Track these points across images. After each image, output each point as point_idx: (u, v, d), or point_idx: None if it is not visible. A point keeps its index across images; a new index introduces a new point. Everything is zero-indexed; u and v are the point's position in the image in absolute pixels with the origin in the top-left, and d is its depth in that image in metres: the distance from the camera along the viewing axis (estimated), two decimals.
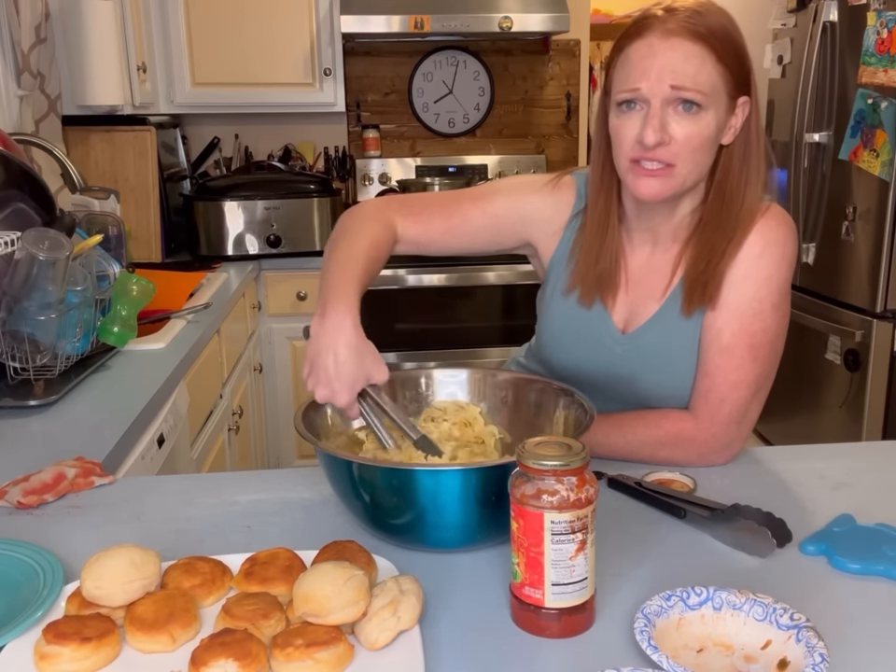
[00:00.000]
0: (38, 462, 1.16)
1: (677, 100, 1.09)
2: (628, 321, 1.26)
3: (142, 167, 2.82)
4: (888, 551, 0.92)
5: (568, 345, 1.30)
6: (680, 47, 1.07)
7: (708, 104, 1.09)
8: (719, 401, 1.18)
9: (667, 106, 1.09)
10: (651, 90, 1.09)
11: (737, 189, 1.17)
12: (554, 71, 3.75)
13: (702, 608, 0.80)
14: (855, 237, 2.89)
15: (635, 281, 1.26)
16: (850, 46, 2.83)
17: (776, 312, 1.18)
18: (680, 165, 1.12)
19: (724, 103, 1.11)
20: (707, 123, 1.10)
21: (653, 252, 1.25)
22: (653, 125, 1.09)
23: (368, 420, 1.06)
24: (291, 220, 3.00)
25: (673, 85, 1.08)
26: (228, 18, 3.11)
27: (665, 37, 1.08)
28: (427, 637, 0.79)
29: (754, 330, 1.17)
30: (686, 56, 1.08)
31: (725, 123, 1.14)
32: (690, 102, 1.08)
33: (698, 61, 1.08)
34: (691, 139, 1.10)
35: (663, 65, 1.08)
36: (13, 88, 2.24)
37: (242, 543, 0.99)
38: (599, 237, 1.24)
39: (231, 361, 2.48)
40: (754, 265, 1.17)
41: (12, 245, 1.46)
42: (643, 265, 1.26)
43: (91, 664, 0.75)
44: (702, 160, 1.13)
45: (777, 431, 3.41)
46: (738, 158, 1.17)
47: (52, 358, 1.56)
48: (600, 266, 1.24)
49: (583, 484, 0.78)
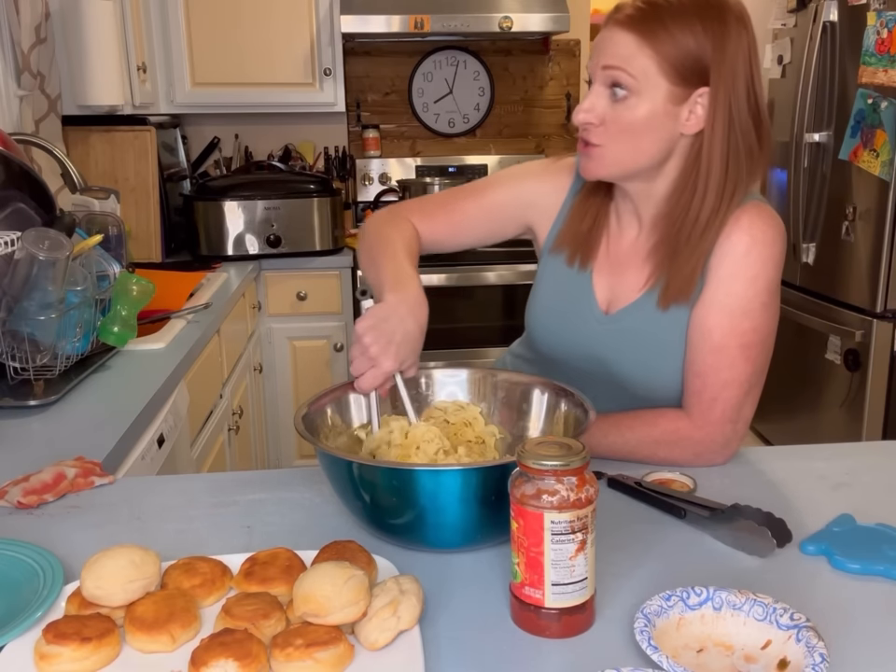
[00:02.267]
0: (38, 462, 1.16)
1: (609, 80, 1.14)
2: (611, 303, 1.28)
3: (142, 167, 2.82)
4: (888, 551, 0.92)
5: (554, 318, 1.33)
6: (616, 33, 1.14)
7: (639, 88, 1.13)
8: (711, 401, 1.18)
9: (604, 89, 1.15)
10: (592, 72, 1.17)
11: (698, 181, 1.17)
12: (554, 71, 3.75)
13: (702, 608, 0.80)
14: (855, 237, 2.89)
15: (619, 263, 1.28)
16: (850, 46, 2.83)
17: (765, 311, 1.18)
18: (609, 146, 1.17)
19: (664, 91, 1.13)
20: (637, 108, 1.14)
21: (639, 237, 1.27)
22: (583, 106, 1.17)
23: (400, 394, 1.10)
24: (291, 220, 3.00)
25: (605, 65, 1.14)
26: (228, 18, 3.11)
27: (610, 26, 1.15)
28: (427, 637, 0.79)
29: (744, 329, 1.17)
30: (619, 41, 1.13)
31: (671, 112, 1.14)
32: (619, 85, 1.13)
33: (629, 45, 1.12)
34: (616, 121, 1.15)
35: (601, 50, 1.16)
36: (13, 88, 2.24)
37: (242, 543, 0.99)
38: (587, 201, 1.30)
39: (231, 361, 2.48)
40: (741, 263, 1.17)
41: (12, 244, 1.46)
42: (629, 248, 1.28)
43: (91, 664, 0.75)
44: (636, 144, 1.16)
45: (776, 431, 3.41)
46: (706, 149, 1.16)
47: (52, 358, 1.56)
48: (584, 225, 1.29)
49: (583, 484, 0.78)
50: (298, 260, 3.05)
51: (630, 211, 1.27)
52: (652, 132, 1.15)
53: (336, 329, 3.13)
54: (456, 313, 3.17)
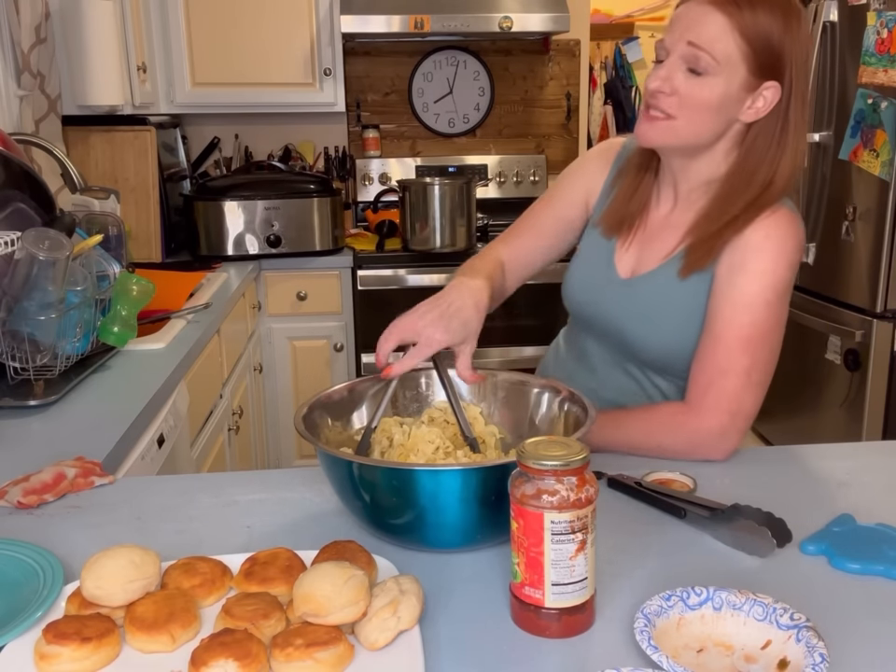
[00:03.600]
0: (38, 462, 1.16)
1: (691, 57, 1.15)
2: (634, 269, 1.32)
3: (142, 167, 2.82)
4: (888, 551, 0.92)
5: (580, 284, 1.38)
6: (709, 13, 1.15)
7: (719, 71, 1.15)
8: (706, 385, 1.19)
9: (682, 63, 1.16)
10: (672, 43, 1.17)
11: (755, 170, 1.21)
12: (554, 71, 3.74)
13: (702, 608, 0.80)
14: (855, 237, 2.89)
15: (651, 233, 1.32)
16: (850, 46, 2.83)
17: (768, 309, 1.18)
18: (680, 119, 1.18)
19: (740, 77, 1.16)
20: (712, 88, 1.16)
21: (672, 211, 1.30)
22: (659, 74, 1.18)
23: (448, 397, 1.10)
24: (291, 220, 3.00)
25: (689, 41, 1.15)
26: (228, 18, 3.10)
27: (700, 3, 1.16)
28: (427, 637, 0.79)
29: (742, 323, 1.18)
30: (710, 21, 1.14)
31: (740, 98, 1.17)
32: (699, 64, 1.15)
33: (719, 28, 1.14)
34: (691, 96, 1.16)
35: (688, 25, 1.16)
36: (13, 88, 2.24)
37: (242, 543, 0.99)
38: (635, 182, 1.33)
39: (231, 361, 2.48)
40: (750, 256, 1.19)
41: (12, 244, 1.46)
42: (661, 221, 1.31)
43: (91, 664, 0.75)
44: (703, 121, 1.18)
45: (777, 431, 3.41)
46: (764, 142, 1.20)
47: (52, 358, 1.56)
48: (630, 208, 1.32)
49: (583, 484, 0.78)
50: (298, 260, 3.04)
51: (669, 184, 1.31)
52: (720, 113, 1.18)
53: (336, 329, 3.13)
54: None
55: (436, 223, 3.04)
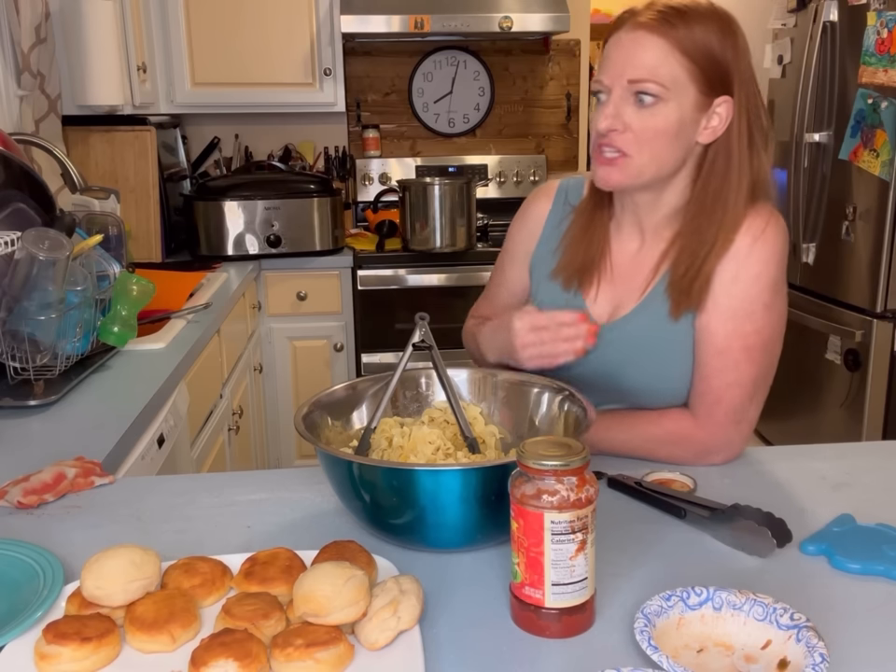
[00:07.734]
0: (38, 462, 1.16)
1: (636, 90, 1.11)
2: (612, 314, 1.27)
3: (142, 167, 2.82)
4: (888, 551, 0.92)
5: None
6: (643, 39, 1.10)
7: (669, 96, 1.11)
8: (715, 402, 1.18)
9: (628, 96, 1.12)
10: (612, 81, 1.13)
11: (720, 192, 1.17)
12: (554, 71, 3.74)
13: (702, 608, 0.80)
14: (855, 237, 2.89)
15: (620, 274, 1.27)
16: (850, 46, 2.83)
17: (767, 312, 1.18)
18: (635, 155, 1.14)
19: (691, 98, 1.12)
20: (666, 115, 1.12)
21: (641, 247, 1.26)
22: (605, 112, 1.13)
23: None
24: (291, 220, 3.00)
25: (630, 79, 1.11)
26: (227, 18, 3.10)
27: (632, 30, 1.11)
28: (427, 637, 0.79)
29: (747, 332, 1.17)
30: (647, 47, 1.10)
31: (694, 120, 1.14)
32: (646, 93, 1.11)
33: (659, 51, 1.10)
34: (645, 129, 1.12)
35: (625, 58, 1.12)
36: (13, 88, 2.24)
37: (242, 543, 0.99)
38: (588, 229, 1.28)
39: (231, 361, 2.48)
40: (742, 265, 1.17)
41: (12, 244, 1.46)
42: (630, 259, 1.27)
43: (91, 664, 0.75)
44: (661, 152, 1.14)
45: (777, 431, 3.41)
46: (723, 160, 1.16)
47: (52, 358, 1.56)
48: (588, 255, 1.28)
49: (583, 484, 0.78)
50: (298, 260, 3.05)
51: (632, 223, 1.26)
52: (678, 139, 1.14)
53: (336, 329, 3.13)
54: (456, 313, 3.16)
55: (436, 223, 3.04)
